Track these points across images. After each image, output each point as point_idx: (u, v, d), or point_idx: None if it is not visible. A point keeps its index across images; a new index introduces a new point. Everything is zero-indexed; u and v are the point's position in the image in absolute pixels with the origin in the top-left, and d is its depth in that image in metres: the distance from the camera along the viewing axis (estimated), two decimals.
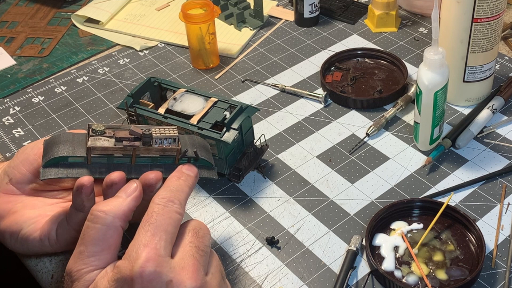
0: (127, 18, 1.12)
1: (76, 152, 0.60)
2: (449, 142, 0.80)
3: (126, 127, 0.62)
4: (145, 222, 0.54)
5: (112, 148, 0.60)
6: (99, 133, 0.61)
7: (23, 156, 0.67)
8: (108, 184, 0.60)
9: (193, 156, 0.63)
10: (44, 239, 0.66)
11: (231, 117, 0.74)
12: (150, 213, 0.55)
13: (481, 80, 0.85)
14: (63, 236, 0.65)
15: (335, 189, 0.77)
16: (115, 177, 0.60)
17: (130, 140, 0.61)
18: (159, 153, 0.62)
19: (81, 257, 0.54)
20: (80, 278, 0.53)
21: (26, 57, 1.04)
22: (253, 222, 0.73)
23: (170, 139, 0.62)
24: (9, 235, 0.67)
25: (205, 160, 0.64)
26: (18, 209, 0.67)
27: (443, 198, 0.74)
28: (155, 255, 0.52)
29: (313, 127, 0.86)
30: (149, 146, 0.61)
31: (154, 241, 0.52)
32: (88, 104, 0.93)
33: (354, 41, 1.02)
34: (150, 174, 0.61)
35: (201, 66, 0.98)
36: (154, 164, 0.62)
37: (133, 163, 0.62)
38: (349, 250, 0.68)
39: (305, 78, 0.95)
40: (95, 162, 0.61)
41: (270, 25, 1.08)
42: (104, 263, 0.54)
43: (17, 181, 0.67)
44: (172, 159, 0.63)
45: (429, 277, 0.66)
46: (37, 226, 0.66)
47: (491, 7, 0.78)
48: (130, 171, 0.61)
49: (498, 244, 0.69)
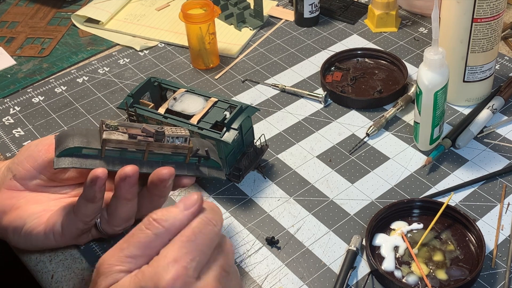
0: (127, 18, 1.12)
1: (91, 144, 0.61)
2: (449, 142, 0.80)
3: (138, 125, 0.63)
4: (183, 236, 0.51)
5: (126, 142, 0.61)
6: (113, 128, 0.62)
7: (28, 153, 0.67)
8: (122, 177, 0.60)
9: (204, 155, 0.64)
10: (48, 233, 0.66)
11: (231, 117, 0.74)
12: (190, 227, 0.52)
13: (481, 80, 0.85)
14: (69, 229, 0.65)
15: (335, 189, 0.77)
16: (129, 170, 0.60)
17: (143, 137, 0.62)
18: (171, 150, 0.63)
19: (120, 254, 0.52)
20: (109, 274, 0.52)
21: (26, 57, 1.04)
22: (253, 222, 0.73)
23: (181, 138, 0.63)
24: (12, 230, 0.67)
25: (214, 160, 0.65)
26: (22, 204, 0.67)
27: (443, 198, 0.74)
28: (184, 275, 0.49)
29: (313, 127, 0.86)
30: (162, 143, 0.62)
31: (186, 260, 0.50)
32: (88, 104, 0.93)
33: (354, 41, 1.02)
34: (163, 169, 0.61)
35: (201, 66, 0.98)
36: (165, 161, 0.63)
37: (146, 158, 0.62)
38: (349, 250, 0.68)
39: (305, 78, 0.95)
40: (108, 156, 0.61)
41: (270, 25, 1.08)
42: (136, 268, 0.52)
43: (21, 177, 0.67)
44: (183, 157, 0.64)
45: (429, 277, 0.66)
46: (41, 221, 0.66)
47: (491, 7, 0.78)
48: (142, 166, 0.62)
49: (498, 244, 0.69)
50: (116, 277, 0.51)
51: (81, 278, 0.69)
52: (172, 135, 0.63)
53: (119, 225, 0.66)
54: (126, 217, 0.65)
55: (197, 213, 0.53)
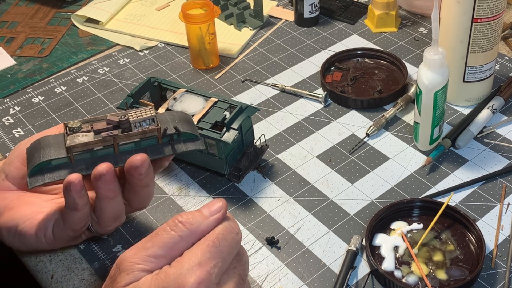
0: (127, 18, 1.12)
1: (58, 154, 0.60)
2: (449, 142, 0.80)
3: (103, 118, 0.62)
4: (208, 240, 0.51)
5: (91, 142, 0.60)
6: (76, 129, 0.60)
7: (17, 152, 0.67)
8: (97, 177, 0.60)
9: (175, 132, 0.62)
10: (40, 236, 0.66)
11: (231, 117, 0.74)
12: (214, 233, 0.52)
13: (481, 80, 0.85)
14: (60, 235, 0.65)
15: (335, 189, 0.77)
16: (102, 168, 0.59)
17: (108, 130, 0.61)
18: (139, 137, 0.61)
19: (143, 253, 0.52)
20: (130, 271, 0.51)
21: (26, 57, 1.04)
22: (253, 222, 0.73)
23: (148, 120, 0.61)
24: (6, 231, 0.67)
25: (188, 133, 0.63)
26: (15, 205, 0.67)
27: (443, 198, 0.74)
28: (207, 280, 0.50)
29: (313, 127, 0.86)
30: (128, 132, 0.60)
31: (210, 265, 0.50)
32: (88, 104, 0.93)
33: (354, 41, 1.02)
34: (134, 157, 0.60)
35: (201, 66, 0.98)
36: (138, 148, 0.62)
37: (117, 151, 0.61)
38: (349, 250, 0.68)
39: (305, 78, 0.95)
40: (79, 160, 0.60)
41: (270, 25, 1.08)
42: (158, 268, 0.52)
43: (13, 177, 0.67)
44: (155, 139, 0.62)
45: (429, 277, 0.66)
46: (34, 223, 0.66)
47: (491, 7, 0.78)
48: (116, 161, 0.61)
49: (498, 244, 0.69)
50: (138, 275, 0.51)
51: (81, 278, 0.69)
52: (137, 120, 0.61)
53: (110, 225, 0.66)
54: (114, 216, 0.64)
55: (221, 220, 0.53)
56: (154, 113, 0.62)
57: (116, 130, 0.61)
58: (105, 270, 0.69)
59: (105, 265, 0.69)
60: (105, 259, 0.70)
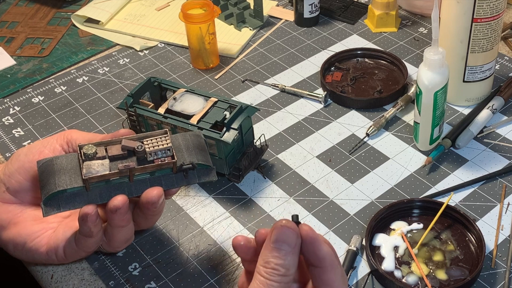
0: (127, 18, 1.12)
1: (73, 183, 0.60)
2: (449, 142, 0.80)
3: (117, 140, 0.62)
4: None
5: (108, 174, 0.60)
6: (91, 155, 0.61)
7: (18, 164, 0.66)
8: (112, 210, 0.60)
9: (190, 167, 0.63)
10: (51, 254, 0.66)
11: (231, 117, 0.74)
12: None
13: (481, 80, 0.85)
14: (72, 255, 0.66)
15: (335, 189, 0.77)
16: (118, 202, 0.60)
17: (124, 158, 0.61)
18: (155, 168, 0.62)
19: None
20: None
21: (26, 57, 1.04)
22: (253, 222, 0.73)
23: (164, 150, 0.62)
24: (12, 247, 0.67)
25: (202, 164, 0.64)
26: (20, 220, 0.66)
27: (443, 198, 0.74)
28: None
29: (313, 127, 0.86)
30: (144, 165, 0.61)
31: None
32: (88, 104, 0.93)
33: (354, 41, 1.02)
34: (151, 191, 0.61)
35: (201, 66, 0.98)
36: (152, 178, 0.62)
37: (132, 181, 0.62)
38: (349, 250, 0.68)
39: (305, 78, 0.95)
40: (94, 187, 0.61)
41: (270, 25, 1.08)
42: None
43: (14, 190, 0.66)
44: (169, 169, 0.63)
45: (429, 277, 0.66)
46: (43, 241, 0.66)
47: (491, 7, 0.78)
48: (130, 190, 0.62)
49: (498, 244, 0.69)
50: None
51: (81, 278, 0.69)
52: (153, 150, 0.62)
53: (120, 246, 0.67)
54: (124, 240, 0.66)
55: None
56: (170, 144, 0.62)
57: (132, 161, 0.62)
58: (105, 270, 0.69)
59: (104, 265, 0.69)
60: (105, 259, 0.70)
